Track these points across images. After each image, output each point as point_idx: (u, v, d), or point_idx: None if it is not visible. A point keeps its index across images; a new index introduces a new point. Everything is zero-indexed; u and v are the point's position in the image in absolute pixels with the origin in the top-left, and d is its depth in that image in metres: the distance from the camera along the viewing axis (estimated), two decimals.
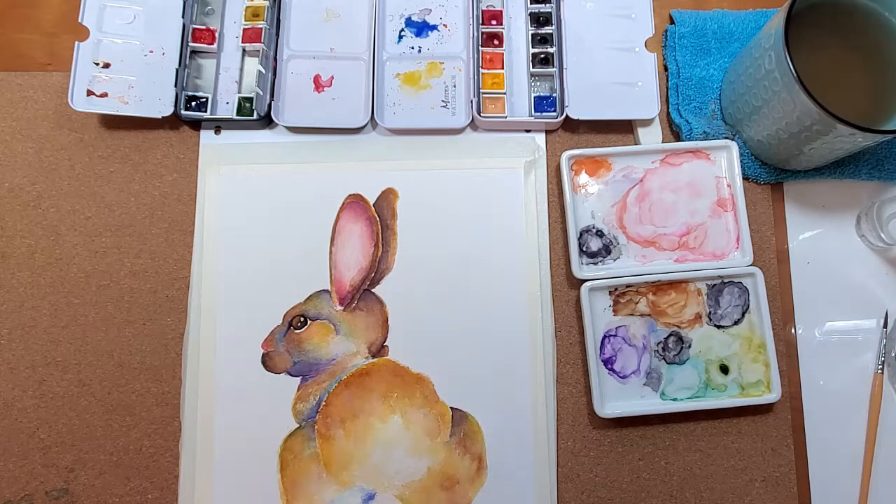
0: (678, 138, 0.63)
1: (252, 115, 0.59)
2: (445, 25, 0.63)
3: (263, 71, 0.59)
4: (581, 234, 0.59)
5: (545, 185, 0.61)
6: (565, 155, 0.59)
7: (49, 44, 0.62)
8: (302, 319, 0.57)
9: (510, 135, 0.62)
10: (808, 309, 0.60)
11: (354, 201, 0.59)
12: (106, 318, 0.57)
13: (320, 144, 0.61)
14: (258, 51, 0.60)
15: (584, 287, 0.56)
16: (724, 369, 0.57)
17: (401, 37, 0.62)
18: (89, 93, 0.58)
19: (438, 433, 0.55)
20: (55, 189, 0.59)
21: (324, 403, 0.55)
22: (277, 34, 0.62)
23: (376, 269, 0.58)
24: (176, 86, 0.58)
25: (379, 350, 0.57)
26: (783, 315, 0.60)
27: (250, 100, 0.59)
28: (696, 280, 0.58)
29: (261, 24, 0.60)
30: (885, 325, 0.59)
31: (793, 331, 0.60)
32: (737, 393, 0.56)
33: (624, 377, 0.57)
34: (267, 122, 0.60)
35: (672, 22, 0.65)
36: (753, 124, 0.58)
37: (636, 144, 0.62)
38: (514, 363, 0.57)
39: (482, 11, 0.63)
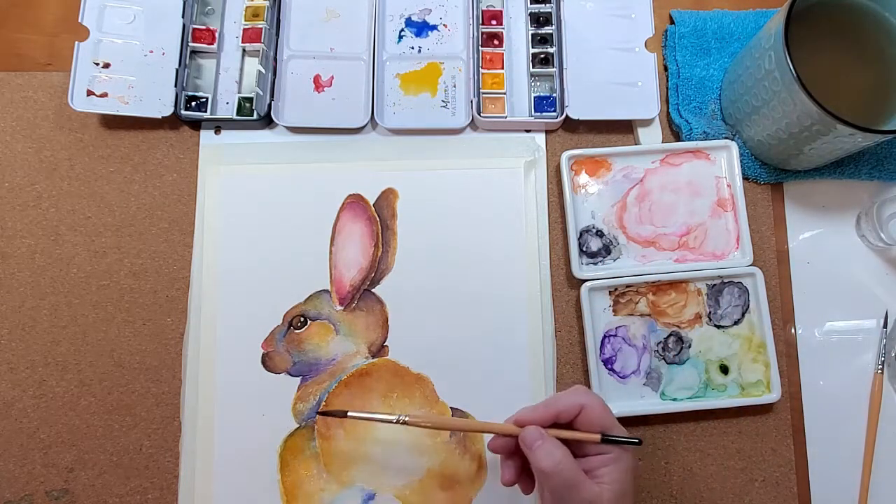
0: (678, 138, 0.63)
1: (252, 115, 0.59)
2: (445, 25, 0.63)
3: (263, 71, 0.59)
4: (581, 234, 0.59)
5: (545, 185, 0.61)
6: (565, 155, 0.59)
7: (49, 44, 0.62)
8: (302, 319, 0.57)
9: (510, 135, 0.62)
10: (808, 309, 0.60)
11: (354, 201, 0.59)
12: (106, 318, 0.57)
13: (320, 144, 0.61)
14: (258, 51, 0.60)
15: (584, 287, 0.56)
16: (724, 369, 0.57)
17: (401, 37, 0.62)
18: (89, 93, 0.58)
19: (438, 433, 0.55)
20: (55, 189, 0.59)
21: (324, 403, 0.55)
22: (277, 34, 0.62)
23: (376, 269, 0.58)
24: (176, 86, 0.58)
25: (379, 350, 0.57)
26: (783, 315, 0.60)
27: (250, 100, 0.59)
28: (696, 280, 0.58)
29: (261, 24, 0.60)
30: (885, 325, 0.59)
31: (793, 331, 0.60)
32: (737, 393, 0.56)
33: (624, 377, 0.57)
34: (267, 122, 0.60)
35: (672, 22, 0.65)
36: (753, 124, 0.58)
37: (636, 144, 0.62)
38: (514, 363, 0.57)
39: (482, 11, 0.63)
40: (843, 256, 0.61)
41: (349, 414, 0.48)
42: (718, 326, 0.58)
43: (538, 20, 0.63)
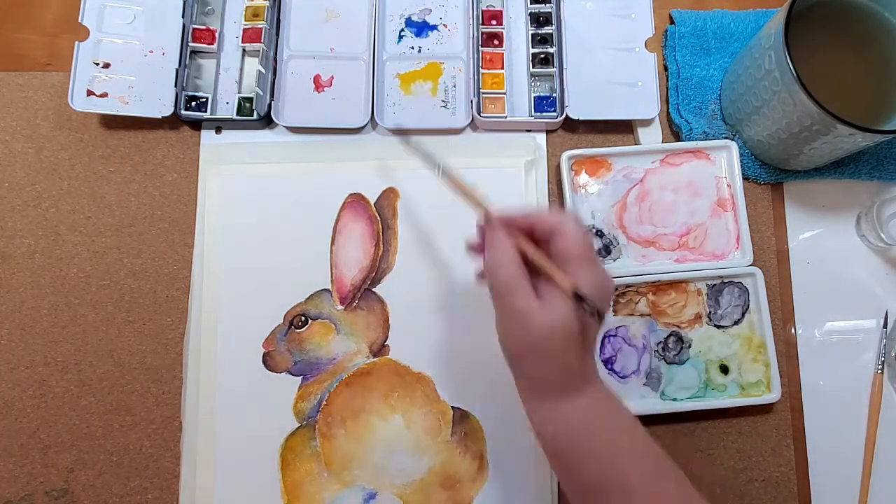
0: (678, 138, 0.63)
1: (252, 115, 0.59)
2: (445, 25, 0.63)
3: (263, 71, 0.59)
4: None
5: (545, 185, 0.61)
6: (565, 155, 0.59)
7: (49, 44, 0.62)
8: (303, 318, 0.57)
9: (510, 134, 0.62)
10: (808, 309, 0.60)
11: (355, 200, 0.59)
12: (106, 318, 0.57)
13: (320, 144, 0.61)
14: (258, 51, 0.60)
15: None
16: (724, 369, 0.57)
17: (401, 37, 0.62)
18: (89, 93, 0.58)
19: (439, 432, 0.55)
20: (55, 189, 0.59)
21: (325, 403, 0.55)
22: (277, 34, 0.62)
23: (377, 269, 0.58)
24: (176, 86, 0.58)
25: (380, 349, 0.57)
26: (783, 315, 0.60)
27: (250, 100, 0.59)
28: (696, 280, 0.58)
29: (261, 24, 0.60)
30: (885, 325, 0.60)
31: (793, 331, 0.60)
32: (737, 393, 0.56)
33: (624, 377, 0.57)
34: (267, 122, 0.60)
35: (672, 22, 0.65)
36: (753, 124, 0.58)
37: (636, 144, 0.62)
38: None
39: (482, 11, 0.63)
40: (843, 256, 0.61)
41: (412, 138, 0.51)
42: (718, 326, 0.58)
43: (538, 20, 0.63)
